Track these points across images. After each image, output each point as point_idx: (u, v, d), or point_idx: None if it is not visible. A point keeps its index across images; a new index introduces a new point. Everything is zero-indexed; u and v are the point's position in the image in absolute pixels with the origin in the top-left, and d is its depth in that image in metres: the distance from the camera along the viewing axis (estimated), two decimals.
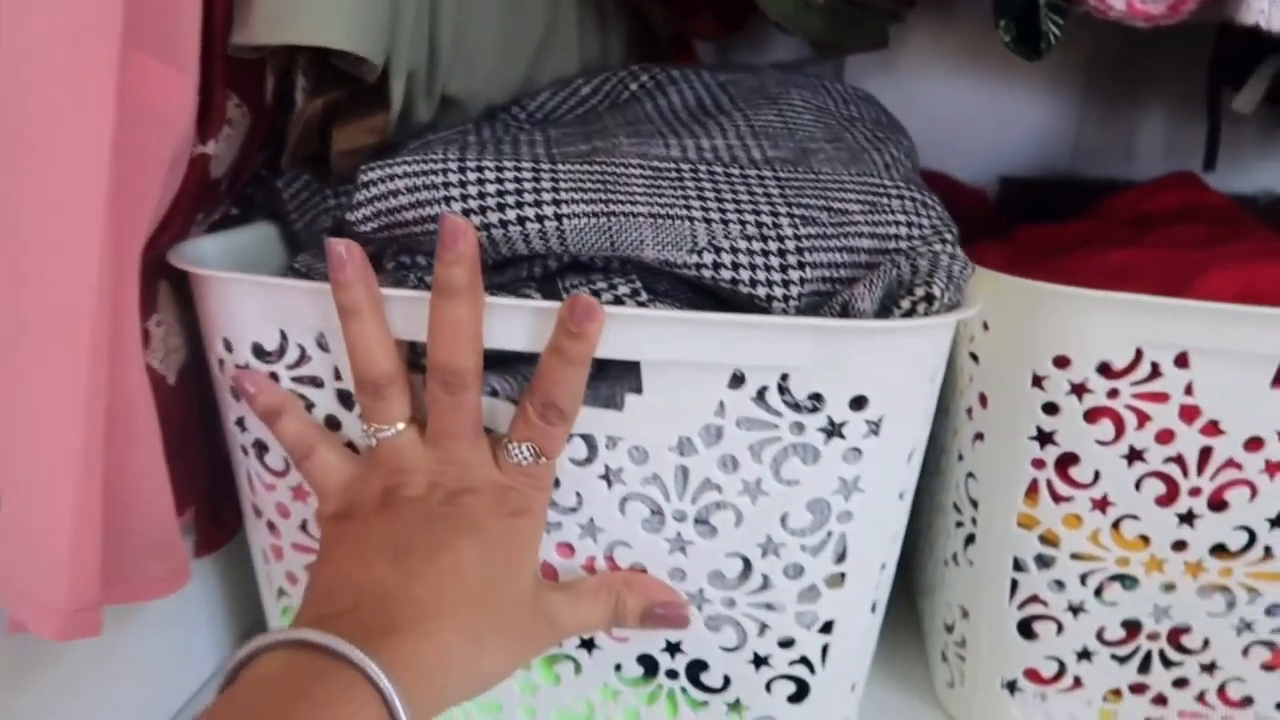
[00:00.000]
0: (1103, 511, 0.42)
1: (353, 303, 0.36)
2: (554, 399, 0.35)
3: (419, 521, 0.35)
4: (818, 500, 0.38)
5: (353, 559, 0.35)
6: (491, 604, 0.34)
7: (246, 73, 0.40)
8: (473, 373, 0.36)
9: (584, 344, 0.35)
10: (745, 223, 0.37)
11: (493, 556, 0.35)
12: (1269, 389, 0.38)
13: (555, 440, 0.36)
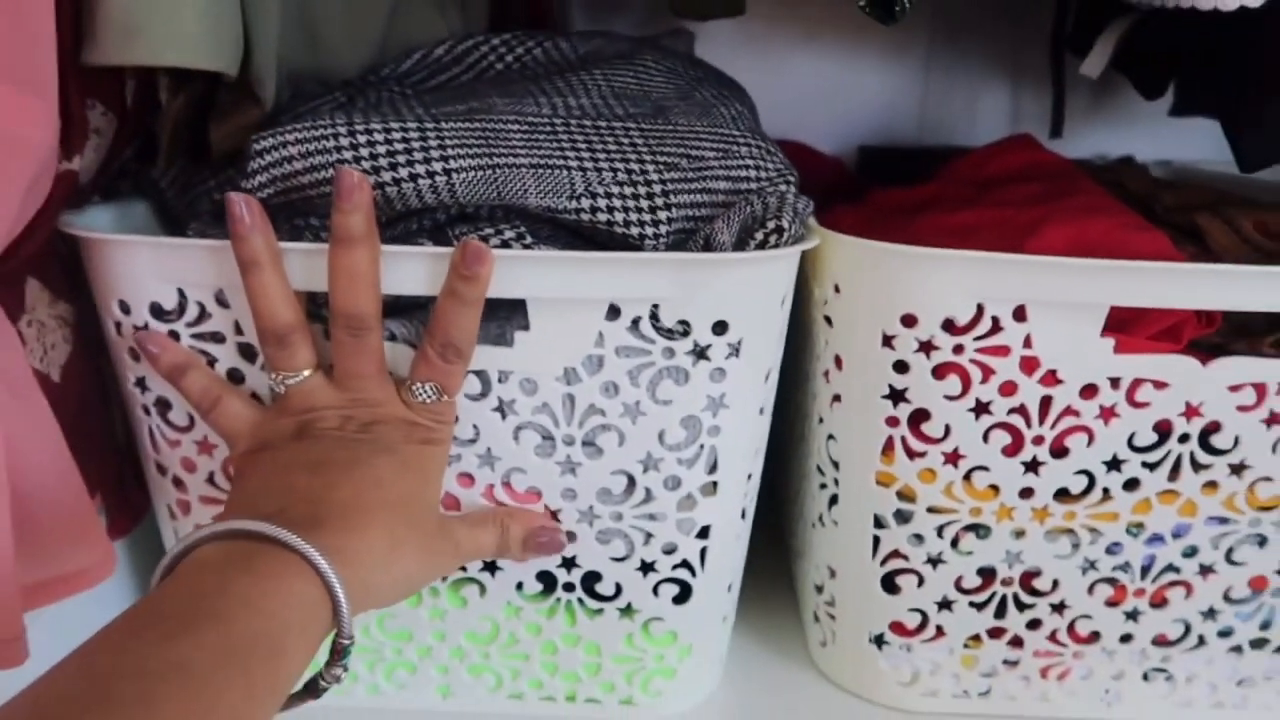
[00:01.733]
0: (955, 465, 0.44)
1: (253, 254, 0.37)
2: (451, 339, 0.38)
3: (335, 443, 0.37)
4: (690, 417, 0.43)
5: (272, 474, 0.36)
6: (408, 515, 0.37)
7: (105, 78, 0.41)
8: (374, 315, 0.38)
9: (476, 286, 0.37)
10: (616, 170, 0.41)
11: (406, 475, 0.37)
12: (1099, 338, 0.41)
13: (455, 378, 0.39)
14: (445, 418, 0.40)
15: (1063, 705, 0.50)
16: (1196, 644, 0.48)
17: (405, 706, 0.50)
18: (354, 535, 0.34)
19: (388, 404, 0.39)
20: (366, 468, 0.36)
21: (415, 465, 0.38)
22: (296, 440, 0.38)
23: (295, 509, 0.34)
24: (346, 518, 0.34)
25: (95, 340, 0.45)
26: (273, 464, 0.37)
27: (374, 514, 0.35)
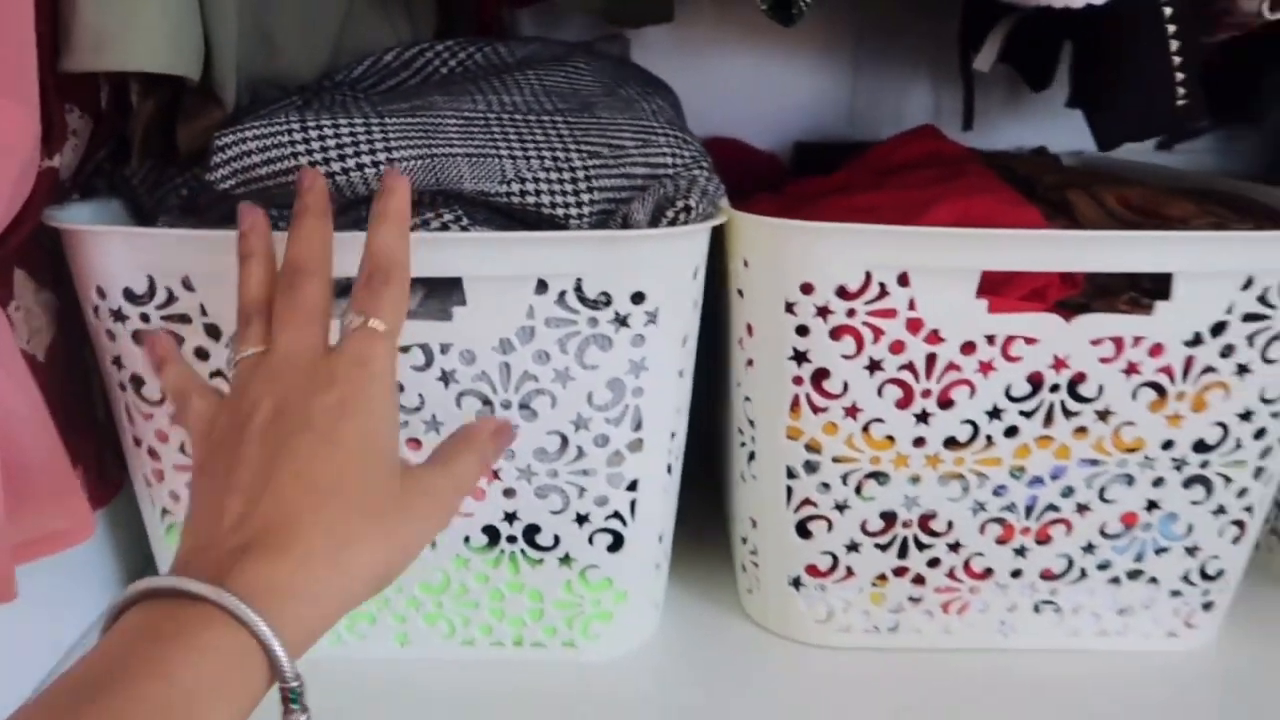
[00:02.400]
0: (854, 418, 0.49)
1: (249, 250, 0.40)
2: (379, 263, 0.38)
3: (252, 439, 0.34)
4: (615, 380, 0.48)
5: (208, 494, 0.34)
6: (350, 499, 0.33)
7: (82, 84, 0.46)
8: (315, 269, 0.38)
9: (394, 198, 0.39)
10: (543, 158, 0.46)
11: (334, 451, 0.34)
12: (974, 299, 0.46)
13: (384, 303, 0.37)
14: (372, 352, 0.36)
15: (963, 637, 0.55)
16: (1079, 577, 0.53)
17: (367, 656, 0.54)
18: (284, 557, 0.31)
19: (305, 355, 0.36)
20: (285, 460, 0.33)
21: (341, 432, 0.34)
22: (227, 447, 0.35)
23: (224, 541, 0.32)
24: (273, 536, 0.32)
25: (77, 326, 0.50)
26: (209, 489, 0.35)
27: (303, 519, 0.32)
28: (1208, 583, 0.54)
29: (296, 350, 0.37)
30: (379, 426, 0.36)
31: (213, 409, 0.38)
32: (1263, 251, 0.46)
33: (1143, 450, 0.50)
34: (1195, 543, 0.53)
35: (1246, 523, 0.52)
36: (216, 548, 0.32)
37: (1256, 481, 0.51)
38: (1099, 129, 0.51)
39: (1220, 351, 0.48)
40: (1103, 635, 0.55)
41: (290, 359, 0.36)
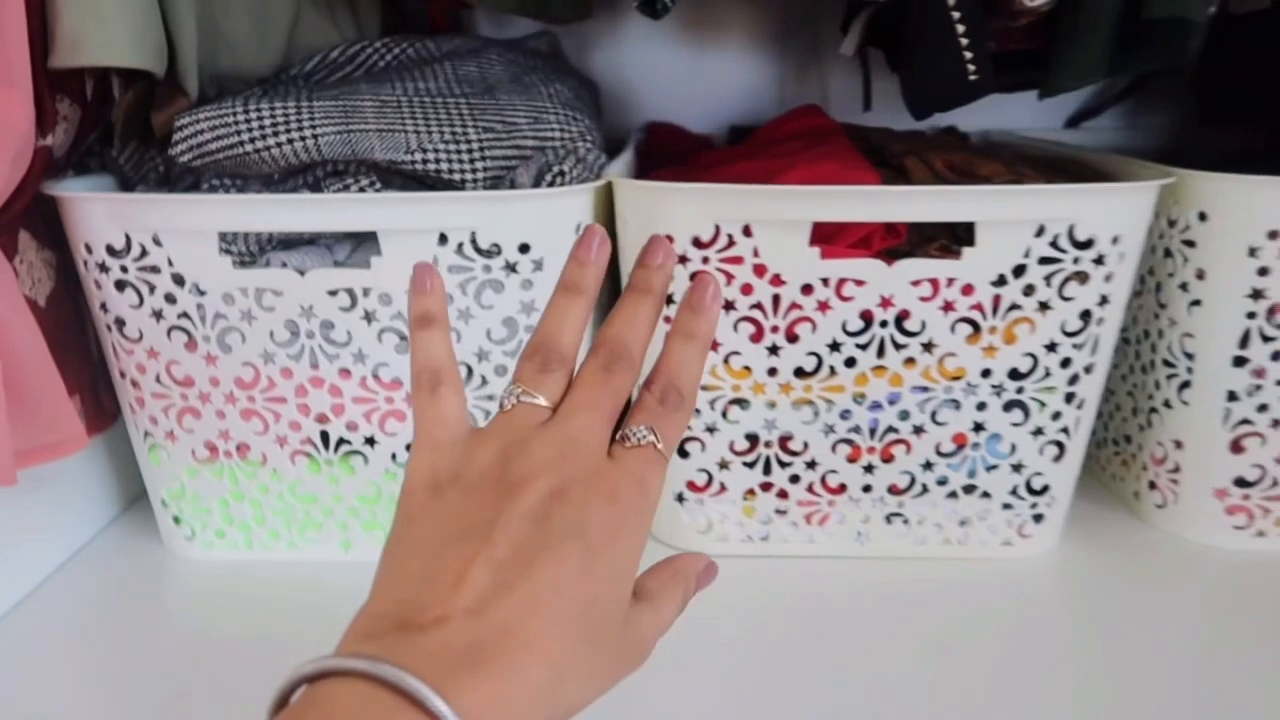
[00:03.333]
0: (715, 350, 0.57)
1: (573, 281, 0.37)
2: (675, 380, 0.36)
3: (524, 514, 0.31)
4: (509, 318, 0.57)
5: (449, 546, 0.31)
6: (584, 630, 0.30)
7: (69, 78, 0.56)
8: (635, 361, 0.36)
9: (706, 321, 0.37)
10: (444, 132, 0.56)
11: (594, 568, 0.31)
12: (808, 247, 0.54)
13: (674, 425, 0.35)
14: (653, 475, 0.34)
15: (825, 545, 0.64)
16: (921, 491, 0.62)
17: (316, 558, 0.64)
18: (515, 679, 0.28)
19: (596, 449, 0.34)
20: (549, 565, 0.30)
21: (606, 551, 0.32)
22: (487, 487, 0.32)
23: (455, 627, 0.28)
24: (511, 654, 0.28)
25: (73, 279, 0.60)
26: (451, 525, 0.32)
27: (543, 639, 0.29)
28: (1035, 497, 0.62)
29: (590, 439, 0.34)
30: (635, 556, 0.33)
31: (463, 423, 0.36)
32: (1049, 202, 0.54)
33: (965, 378, 0.58)
34: (1019, 460, 0.61)
35: (1065, 443, 0.60)
36: (443, 631, 0.28)
37: (1069, 405, 0.59)
38: (909, 101, 0.59)
39: (1023, 290, 0.56)
40: (946, 544, 0.63)
41: (580, 445, 0.34)
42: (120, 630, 0.57)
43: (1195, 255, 0.59)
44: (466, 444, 0.34)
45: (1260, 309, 0.58)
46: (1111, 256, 0.55)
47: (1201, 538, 0.65)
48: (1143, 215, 0.56)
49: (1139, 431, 0.67)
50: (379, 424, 0.60)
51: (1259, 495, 0.62)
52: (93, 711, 0.50)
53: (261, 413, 0.60)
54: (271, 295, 0.56)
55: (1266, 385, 0.59)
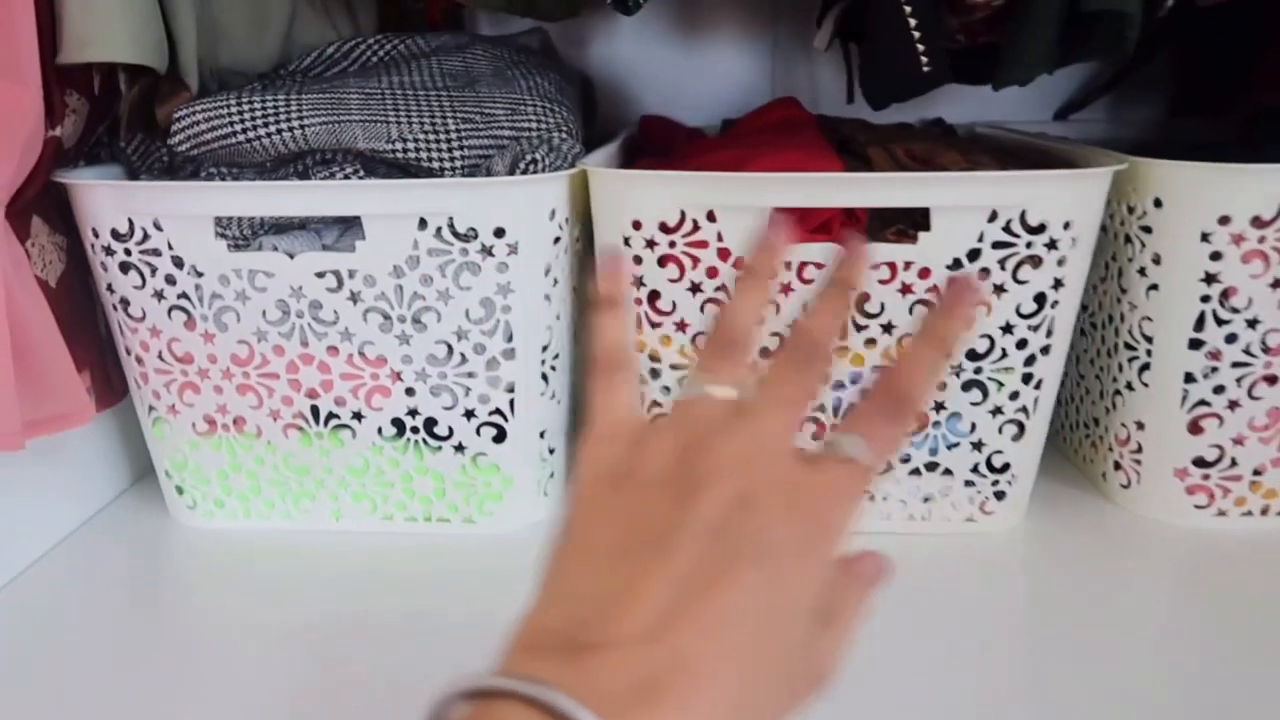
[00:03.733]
0: (683, 331, 0.60)
1: (758, 267, 0.35)
2: (907, 389, 0.32)
3: (706, 524, 0.28)
4: (486, 299, 0.60)
5: (624, 558, 0.28)
6: (765, 660, 0.27)
7: (78, 74, 0.60)
8: (828, 355, 0.33)
9: (957, 326, 0.33)
10: (424, 123, 0.59)
11: (779, 593, 0.28)
12: None
13: (892, 442, 0.32)
14: (855, 494, 0.30)
15: None
16: (886, 469, 0.64)
17: (309, 528, 0.68)
18: (687, 715, 0.25)
19: (789, 455, 0.30)
20: (732, 587, 0.27)
21: (793, 573, 0.28)
22: (664, 485, 0.29)
23: (629, 655, 0.25)
24: (685, 687, 0.25)
25: (83, 262, 0.64)
26: (624, 530, 0.29)
27: (721, 674, 0.26)
28: (996, 474, 0.64)
29: (781, 441, 0.31)
30: (820, 585, 0.29)
31: (637, 412, 0.33)
32: (1001, 189, 0.56)
33: None
34: (979, 439, 0.63)
35: (1024, 423, 0.62)
36: (618, 659, 0.25)
37: (1027, 386, 0.61)
38: (866, 92, 0.61)
39: (978, 274, 0.58)
40: (911, 520, 0.65)
41: (770, 447, 0.30)
42: (125, 592, 0.61)
43: (1152, 241, 0.61)
44: (642, 436, 0.31)
45: (1214, 293, 0.59)
46: (1064, 241, 0.57)
47: (1164, 517, 0.66)
48: (1095, 202, 0.58)
49: (1105, 414, 0.69)
50: (365, 399, 0.63)
51: (1218, 475, 0.64)
52: (94, 665, 0.54)
53: (256, 388, 0.63)
54: (264, 276, 0.60)
55: (1222, 367, 0.61)
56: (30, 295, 0.58)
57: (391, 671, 0.52)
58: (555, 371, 0.65)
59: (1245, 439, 0.63)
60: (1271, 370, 0.61)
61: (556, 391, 0.66)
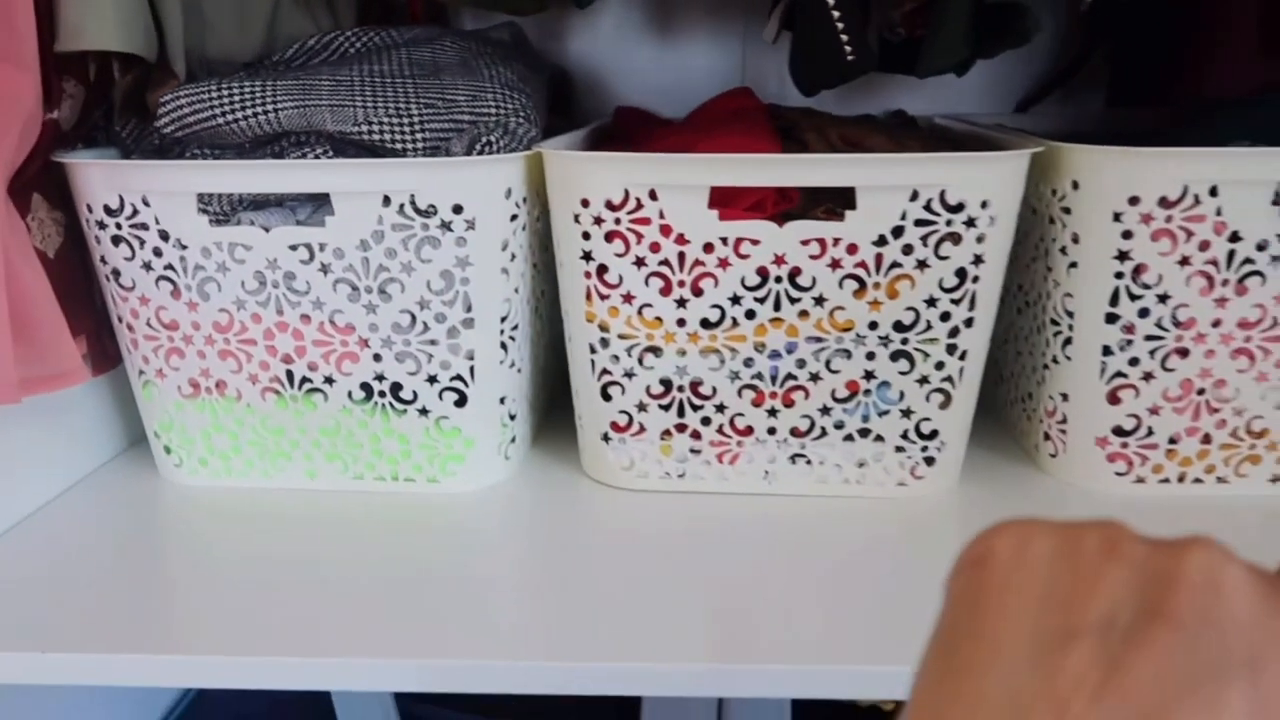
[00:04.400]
0: (630, 303, 0.64)
1: None
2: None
3: (1158, 623, 0.22)
4: (446, 271, 0.65)
5: (1038, 657, 0.22)
6: None
7: (75, 61, 0.65)
8: None
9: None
10: (389, 107, 0.64)
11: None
12: (706, 209, 0.61)
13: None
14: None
15: (736, 483, 0.70)
16: (821, 434, 0.68)
17: (286, 485, 0.72)
18: None
19: (1234, 559, 0.24)
20: (1195, 711, 0.21)
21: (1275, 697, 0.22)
22: (1099, 568, 0.24)
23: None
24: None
25: (80, 236, 0.69)
26: (1044, 627, 0.23)
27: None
28: (925, 441, 0.68)
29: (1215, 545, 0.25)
30: None
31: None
32: (920, 170, 0.60)
33: (854, 329, 0.65)
34: (908, 406, 0.67)
35: (950, 392, 0.66)
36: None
37: (951, 356, 0.65)
38: (795, 79, 0.65)
39: (902, 250, 0.62)
40: (846, 483, 0.70)
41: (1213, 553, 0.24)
42: (114, 543, 0.66)
43: (1071, 221, 0.64)
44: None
45: (1127, 269, 0.63)
46: (982, 220, 0.61)
47: (1087, 484, 0.70)
48: (1011, 183, 0.61)
49: (1036, 387, 0.72)
50: (336, 364, 0.68)
51: (1136, 444, 0.68)
52: (81, 611, 0.59)
53: (235, 353, 0.68)
54: (242, 249, 0.65)
55: (1136, 340, 0.65)
56: (29, 265, 0.63)
57: (357, 612, 0.57)
58: (514, 342, 0.70)
59: (1160, 409, 0.66)
60: (1183, 344, 0.64)
61: (516, 360, 0.71)
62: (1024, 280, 0.73)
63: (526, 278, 0.70)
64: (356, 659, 0.53)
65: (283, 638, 0.55)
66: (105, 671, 0.54)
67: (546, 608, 0.57)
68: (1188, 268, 0.62)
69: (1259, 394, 0.65)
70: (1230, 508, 0.67)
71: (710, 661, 0.52)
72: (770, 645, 0.53)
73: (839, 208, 0.62)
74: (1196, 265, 0.62)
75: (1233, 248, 0.61)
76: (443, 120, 0.64)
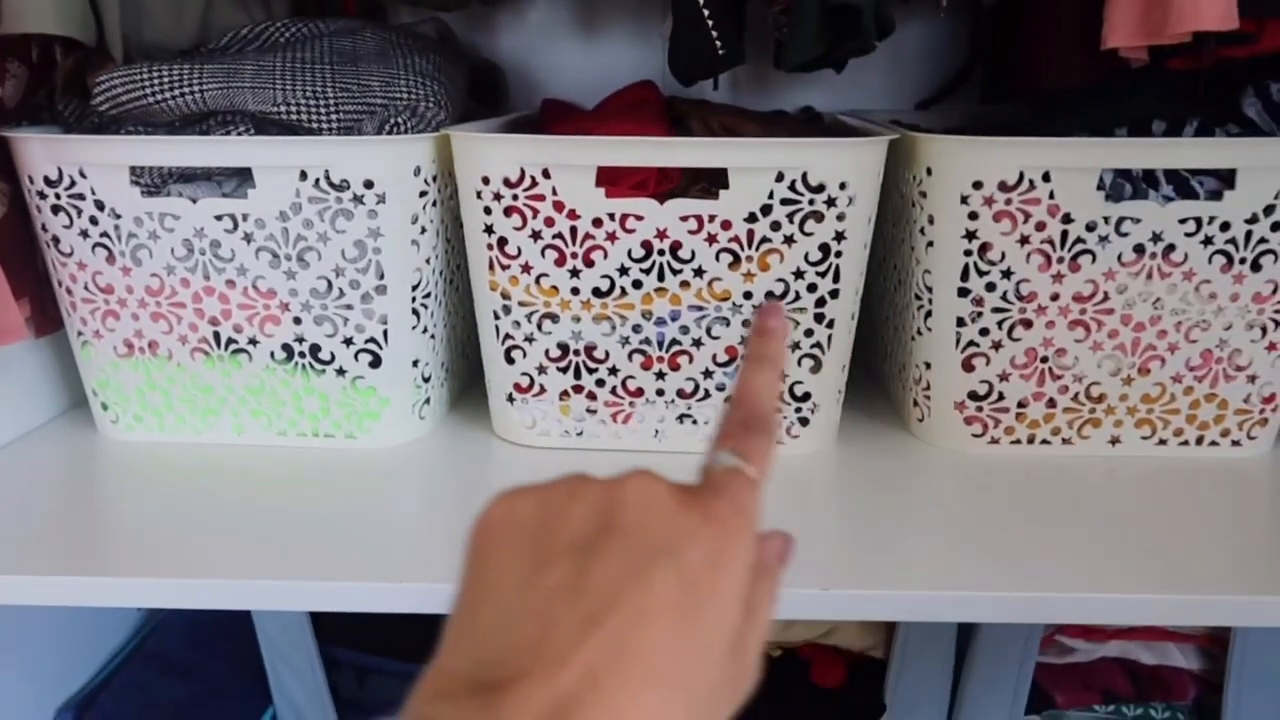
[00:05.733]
0: (528, 273, 0.69)
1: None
2: (756, 407, 0.36)
3: (610, 550, 0.29)
4: (359, 241, 0.71)
5: (526, 592, 0.28)
6: (687, 664, 0.28)
7: (18, 44, 0.71)
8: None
9: (774, 343, 0.38)
10: (307, 91, 0.70)
11: (691, 598, 0.29)
12: (594, 187, 0.66)
13: (762, 451, 0.35)
14: (747, 499, 0.33)
15: (630, 441, 0.77)
16: (705, 396, 0.75)
17: (215, 441, 0.78)
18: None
19: (678, 491, 0.32)
20: (637, 598, 0.28)
21: (706, 580, 0.29)
22: (566, 508, 0.31)
23: (538, 688, 0.25)
24: (598, 706, 0.25)
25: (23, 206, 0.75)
26: (528, 562, 0.29)
27: (634, 687, 0.26)
28: (798, 403, 0.74)
29: (662, 489, 0.32)
30: (740, 587, 0.31)
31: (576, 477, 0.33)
32: (783, 153, 0.66)
33: (731, 299, 0.71)
34: (783, 370, 0.73)
35: (820, 358, 0.73)
36: (524, 688, 0.25)
37: (819, 325, 0.72)
38: (674, 70, 0.72)
39: (770, 226, 0.69)
40: None
41: (657, 489, 0.32)
42: (58, 488, 0.72)
43: (927, 204, 0.71)
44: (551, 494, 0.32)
45: (974, 247, 0.70)
46: (841, 200, 0.68)
47: (949, 445, 0.77)
48: (868, 166, 0.68)
49: (907, 357, 0.79)
50: (259, 327, 0.74)
51: (989, 408, 0.75)
52: (28, 542, 0.65)
53: (166, 315, 0.74)
54: (172, 219, 0.71)
55: (985, 312, 0.71)
56: None
57: (276, 546, 0.63)
58: (426, 309, 0.76)
59: (1009, 375, 0.73)
60: (1026, 315, 0.71)
61: (429, 327, 0.77)
62: (896, 260, 0.80)
63: (439, 251, 0.76)
64: (273, 580, 0.59)
65: (208, 564, 0.60)
66: (53, 592, 0.59)
67: (443, 542, 0.63)
68: (1027, 246, 0.69)
69: (1095, 361, 0.72)
70: (1075, 467, 0.74)
71: None
72: None
73: (714, 187, 0.69)
74: (1035, 244, 0.69)
75: (1065, 228, 0.68)
76: (356, 103, 0.71)
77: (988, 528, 0.65)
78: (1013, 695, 0.81)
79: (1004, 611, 0.58)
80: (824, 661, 0.86)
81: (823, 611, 0.58)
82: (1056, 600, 0.58)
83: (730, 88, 1.09)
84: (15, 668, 0.83)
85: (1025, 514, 0.67)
